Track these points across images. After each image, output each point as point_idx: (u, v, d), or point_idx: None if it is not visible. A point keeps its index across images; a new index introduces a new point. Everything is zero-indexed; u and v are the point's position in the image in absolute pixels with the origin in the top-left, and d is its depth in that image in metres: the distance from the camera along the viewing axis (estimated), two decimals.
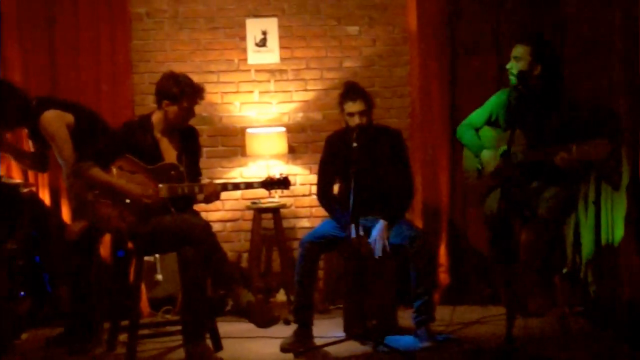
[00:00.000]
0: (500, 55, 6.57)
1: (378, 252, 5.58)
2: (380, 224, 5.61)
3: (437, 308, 5.99)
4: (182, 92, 5.36)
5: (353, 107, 5.66)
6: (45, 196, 6.46)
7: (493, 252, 6.18)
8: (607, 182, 5.89)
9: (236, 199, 7.01)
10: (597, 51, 6.10)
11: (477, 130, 6.01)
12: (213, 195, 5.46)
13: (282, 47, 7.09)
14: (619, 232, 5.71)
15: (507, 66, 5.80)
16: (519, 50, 5.75)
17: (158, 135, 5.44)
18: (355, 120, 5.64)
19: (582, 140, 5.35)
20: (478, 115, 6.03)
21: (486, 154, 5.86)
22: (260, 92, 7.11)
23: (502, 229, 5.52)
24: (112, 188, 5.29)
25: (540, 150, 5.52)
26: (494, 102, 5.98)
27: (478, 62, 6.74)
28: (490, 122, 5.96)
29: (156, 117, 5.45)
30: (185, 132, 5.58)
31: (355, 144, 5.50)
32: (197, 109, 5.57)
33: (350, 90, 5.73)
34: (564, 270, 6.04)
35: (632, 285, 5.68)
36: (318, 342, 5.60)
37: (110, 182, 5.29)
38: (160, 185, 5.33)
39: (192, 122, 5.69)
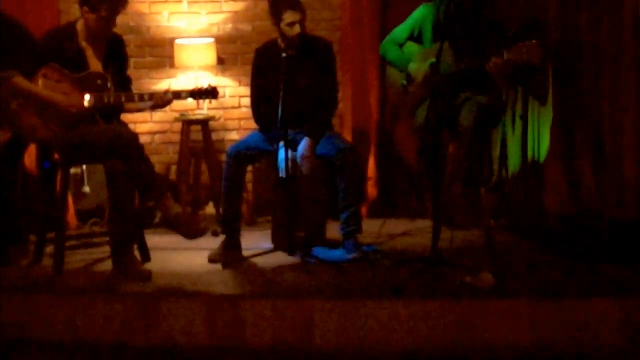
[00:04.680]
0: None
1: (305, 171, 5.57)
2: (305, 142, 5.60)
3: (366, 221, 6.04)
4: (101, 1, 5.23)
5: (293, 15, 5.54)
6: None
7: (421, 164, 6.22)
8: (534, 97, 5.95)
9: (164, 111, 6.91)
10: None
11: (401, 46, 5.98)
12: (162, 104, 5.52)
13: None
14: (545, 144, 5.80)
15: None
16: None
17: (83, 43, 5.33)
18: (296, 30, 5.55)
19: (509, 44, 5.37)
20: (400, 31, 5.98)
21: (413, 66, 5.83)
22: (189, 2, 6.99)
23: (430, 140, 5.55)
24: (36, 97, 5.18)
25: (472, 58, 5.53)
26: (416, 17, 5.93)
27: None
28: (413, 37, 5.93)
29: (80, 25, 5.34)
30: (112, 41, 5.47)
31: (284, 54, 5.46)
32: (124, 18, 5.49)
33: (292, 0, 5.64)
34: (490, 183, 6.11)
35: (558, 197, 5.80)
36: (246, 253, 5.64)
37: (34, 91, 5.18)
38: (86, 95, 5.24)
39: (119, 31, 5.59)
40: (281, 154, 5.39)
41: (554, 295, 4.57)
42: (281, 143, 5.40)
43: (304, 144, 5.58)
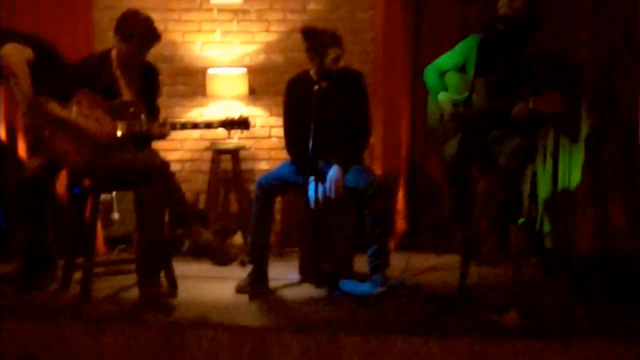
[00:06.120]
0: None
1: (332, 194, 5.56)
2: (335, 168, 5.59)
3: (394, 255, 6.03)
4: (133, 34, 5.27)
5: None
6: (0, 131, 6.37)
7: (451, 199, 6.20)
8: (565, 135, 5.92)
9: (195, 140, 6.98)
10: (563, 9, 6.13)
11: (443, 74, 5.96)
12: (162, 135, 5.47)
13: None
14: (575, 181, 5.76)
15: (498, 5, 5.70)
16: None
17: (117, 71, 5.38)
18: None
19: (538, 91, 5.35)
20: (446, 59, 5.94)
21: (443, 96, 5.80)
22: (223, 32, 7.04)
23: (459, 176, 5.54)
24: (69, 124, 5.22)
25: (500, 100, 5.51)
26: (462, 47, 5.89)
27: (443, 7, 6.71)
28: (458, 67, 5.91)
29: (115, 53, 5.39)
30: (146, 70, 5.52)
31: (316, 87, 5.46)
32: (158, 47, 5.50)
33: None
34: (520, 221, 6.07)
35: (588, 236, 5.76)
36: (273, 284, 5.63)
37: (67, 118, 5.22)
38: (119, 122, 5.28)
39: (152, 59, 5.64)
40: (311, 186, 5.38)
41: (581, 335, 4.52)
42: (311, 177, 5.39)
43: (333, 170, 5.57)
